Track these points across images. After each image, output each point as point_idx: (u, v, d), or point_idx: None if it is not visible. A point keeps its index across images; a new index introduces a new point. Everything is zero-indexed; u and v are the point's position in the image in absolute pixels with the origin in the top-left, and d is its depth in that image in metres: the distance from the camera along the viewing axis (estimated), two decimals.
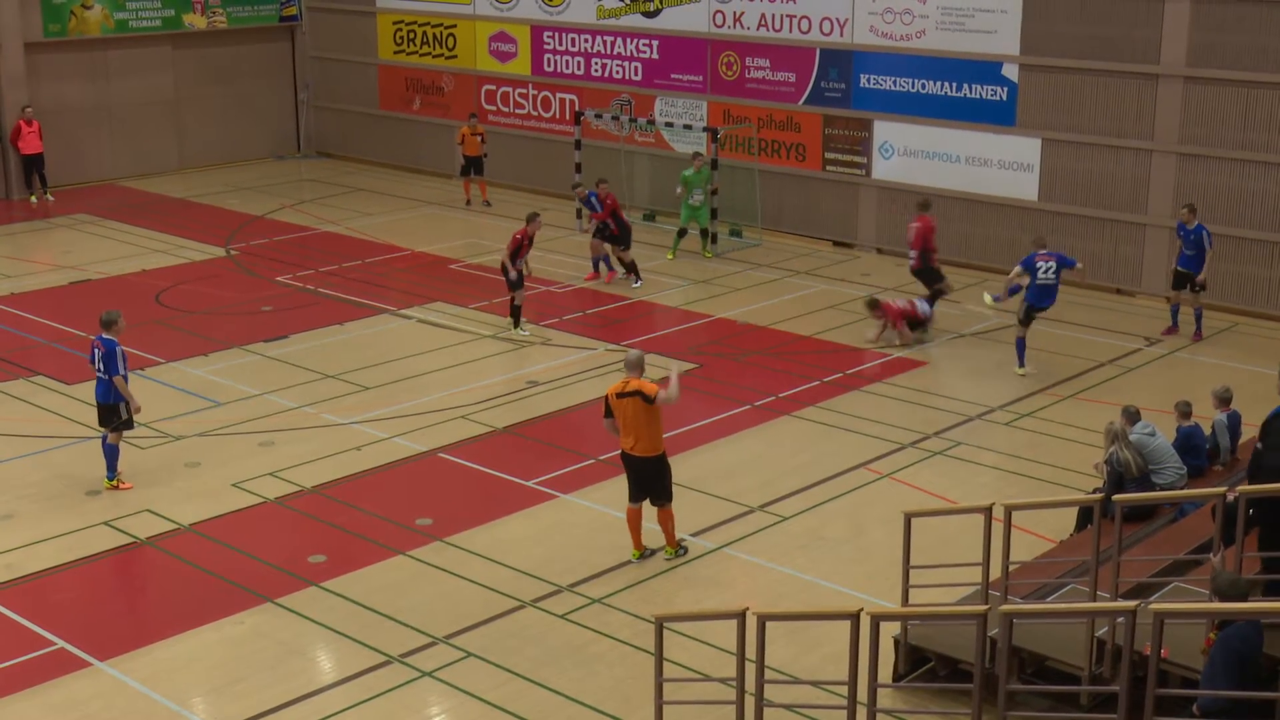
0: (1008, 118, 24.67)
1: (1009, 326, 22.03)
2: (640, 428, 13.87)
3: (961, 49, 24.94)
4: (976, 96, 24.96)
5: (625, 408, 13.85)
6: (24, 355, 20.50)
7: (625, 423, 13.91)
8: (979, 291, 23.95)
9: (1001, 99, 24.68)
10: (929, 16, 25.21)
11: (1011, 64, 24.43)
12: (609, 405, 14.01)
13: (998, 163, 24.91)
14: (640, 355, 14.13)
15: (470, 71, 32.14)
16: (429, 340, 21.24)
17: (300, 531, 15.17)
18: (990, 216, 25.11)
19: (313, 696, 12.00)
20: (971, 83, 24.97)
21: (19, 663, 12.47)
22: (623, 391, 13.86)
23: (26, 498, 15.85)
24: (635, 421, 13.85)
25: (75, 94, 31.53)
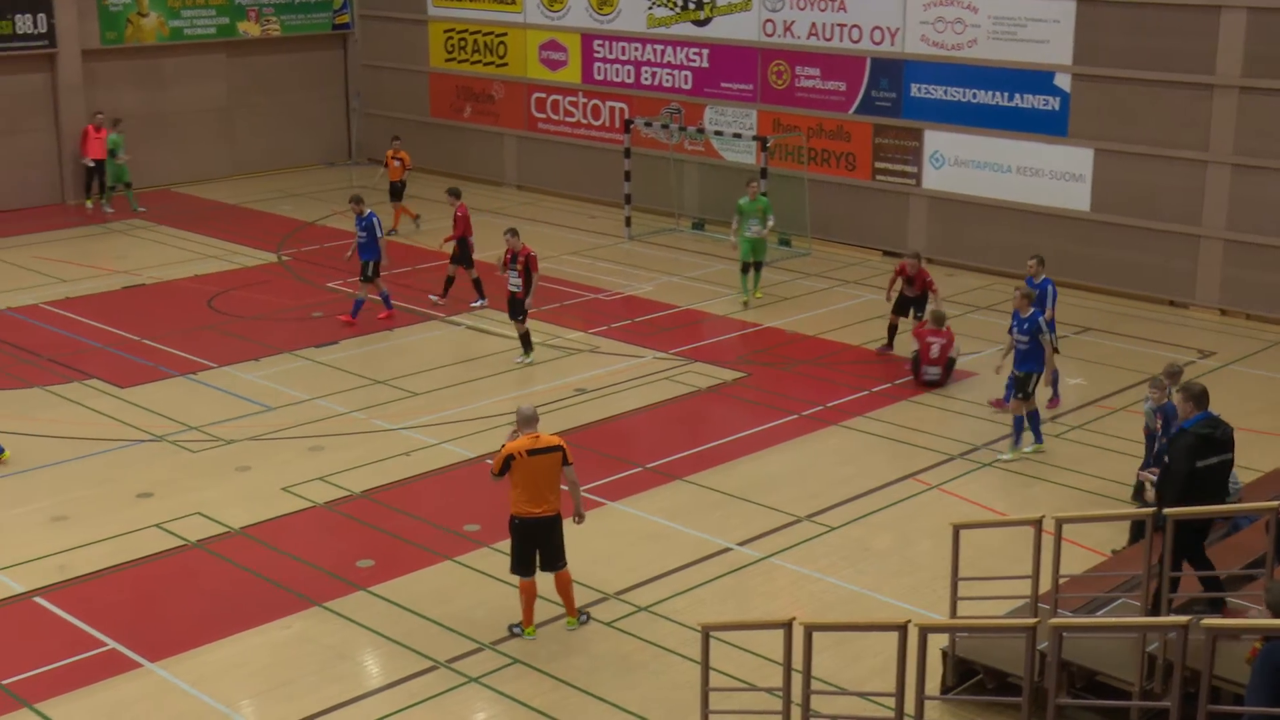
0: (1060, 128, 24.49)
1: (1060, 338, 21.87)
2: (552, 487, 12.74)
3: (1013, 58, 24.79)
4: (1028, 106, 24.80)
5: (540, 465, 12.59)
6: (78, 358, 20.70)
7: (535, 481, 12.62)
8: None
9: (1054, 109, 24.51)
10: (981, 26, 25.08)
11: (1064, 74, 24.26)
12: (511, 465, 12.55)
13: (1049, 173, 24.74)
14: (535, 409, 12.96)
15: (520, 80, 32.23)
16: (478, 347, 21.31)
17: (348, 536, 15.23)
18: (1041, 227, 24.92)
19: (359, 701, 12.04)
20: (1023, 92, 24.81)
21: (70, 663, 12.57)
22: (535, 448, 12.58)
23: (79, 500, 15.99)
24: (549, 480, 12.71)
25: (131, 101, 31.83)
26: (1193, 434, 11.57)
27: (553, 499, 12.82)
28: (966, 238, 25.83)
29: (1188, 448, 11.50)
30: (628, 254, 27.01)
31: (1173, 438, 11.92)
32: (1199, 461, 11.50)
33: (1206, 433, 11.58)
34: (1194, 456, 11.48)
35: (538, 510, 12.76)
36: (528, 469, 12.60)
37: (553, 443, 12.80)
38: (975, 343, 21.53)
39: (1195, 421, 11.67)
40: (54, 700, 11.98)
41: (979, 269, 25.58)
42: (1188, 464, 11.46)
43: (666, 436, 17.96)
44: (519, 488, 12.69)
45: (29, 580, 14.06)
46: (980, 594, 12.59)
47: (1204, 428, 11.61)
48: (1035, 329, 17.01)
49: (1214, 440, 11.60)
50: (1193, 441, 11.52)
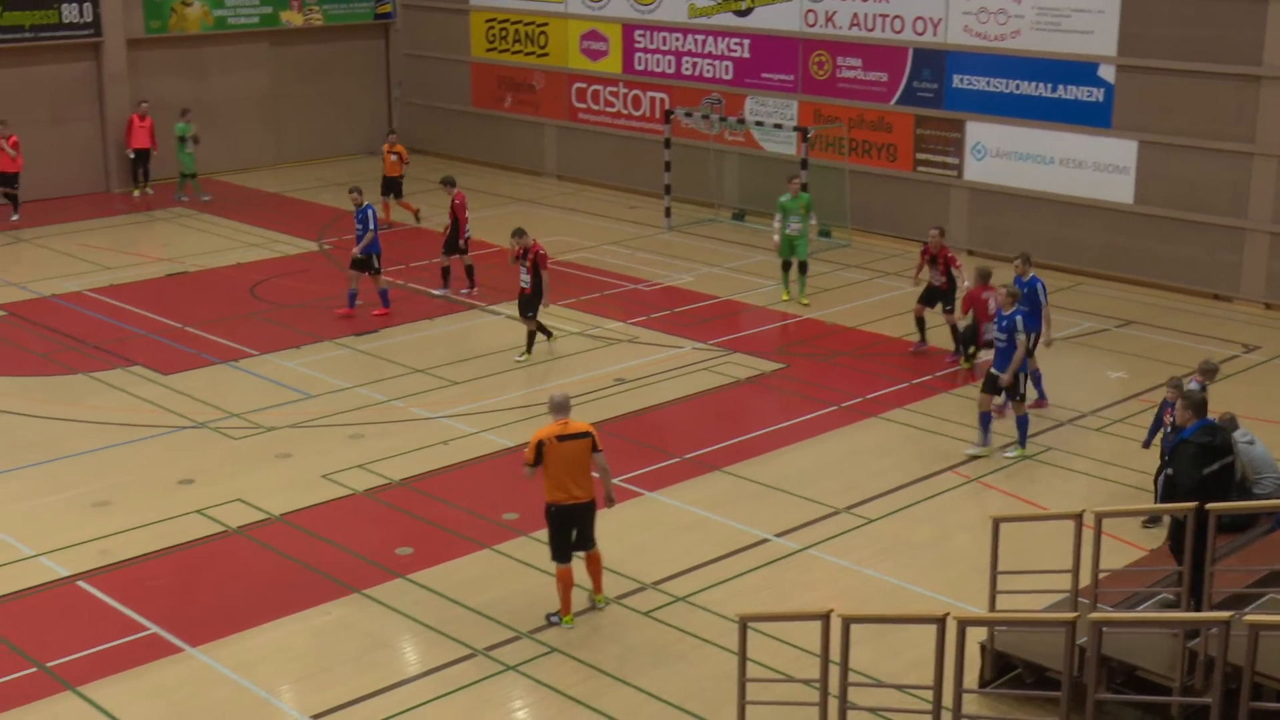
0: (1103, 119, 24.31)
1: (1101, 331, 21.79)
2: (583, 473, 12.82)
3: (1057, 49, 24.62)
4: (1072, 98, 24.62)
5: (569, 451, 12.70)
6: (121, 345, 20.86)
7: (565, 467, 12.70)
8: (1070, 295, 23.71)
9: (1098, 100, 24.33)
10: (1024, 16, 24.92)
11: (1108, 65, 24.07)
12: (542, 451, 12.67)
13: (1093, 165, 24.56)
14: (567, 396, 13.13)
15: (561, 69, 32.25)
16: (517, 337, 21.31)
17: (388, 524, 15.30)
18: (1084, 220, 24.76)
19: (398, 688, 12.09)
20: (1067, 84, 24.64)
21: (113, 647, 12.68)
22: (564, 435, 12.71)
23: (122, 485, 16.12)
24: (579, 466, 12.78)
25: (174, 90, 31.98)
26: (1194, 443, 11.79)
27: (585, 485, 12.88)
28: (1008, 230, 25.67)
29: (1191, 457, 11.71)
30: (667, 244, 26.99)
31: (1174, 449, 12.07)
32: (1204, 469, 11.70)
33: (1206, 440, 11.82)
34: (1199, 465, 11.69)
35: (570, 496, 12.83)
36: (557, 455, 12.69)
37: (582, 429, 12.86)
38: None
39: (1194, 430, 11.90)
40: (96, 683, 12.09)
41: None
42: (1195, 473, 11.66)
43: (705, 427, 17.95)
44: (550, 474, 12.76)
45: (73, 564, 14.19)
46: (1019, 588, 12.52)
47: (1203, 435, 11.85)
48: (1013, 328, 16.58)
49: (1214, 448, 11.84)
50: (1195, 451, 11.75)
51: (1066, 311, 22.70)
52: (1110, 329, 21.95)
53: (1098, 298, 23.58)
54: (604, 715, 11.68)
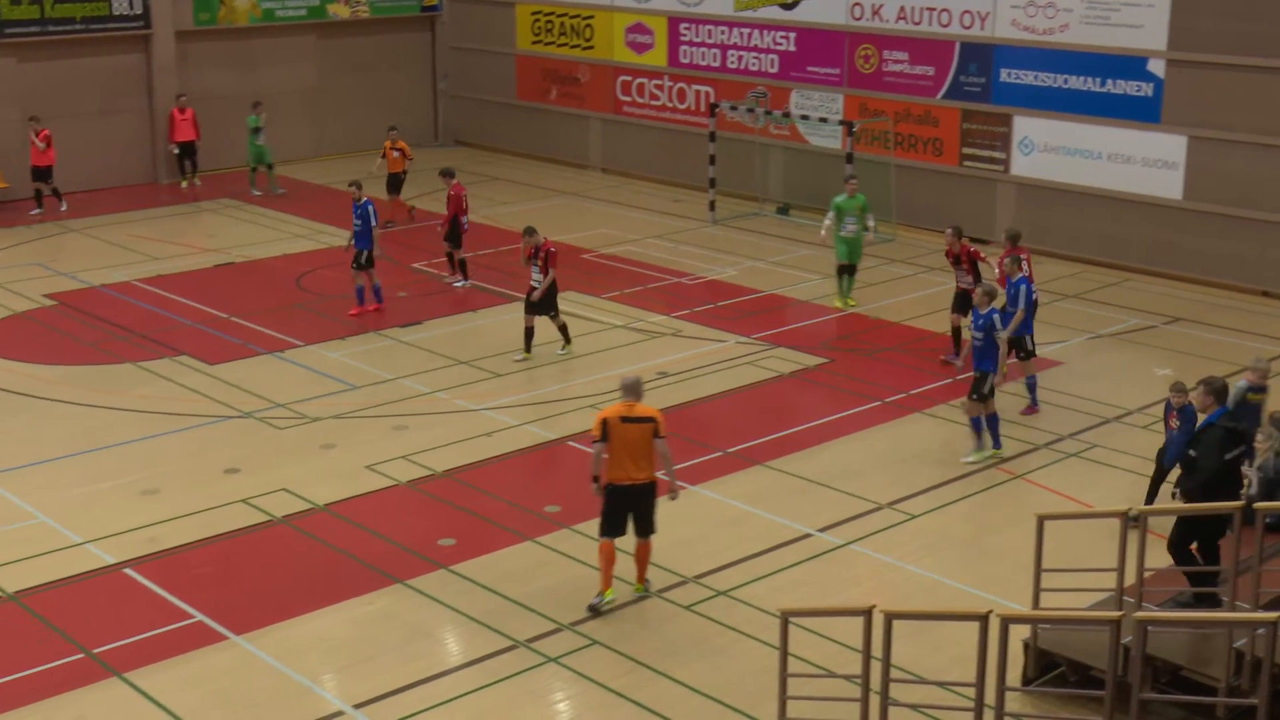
0: (1153, 114, 24.10)
1: (1149, 328, 21.62)
2: (643, 456, 12.94)
3: (1106, 43, 24.42)
4: (1121, 92, 24.42)
5: (631, 433, 12.83)
6: (169, 335, 21.02)
7: (625, 449, 12.84)
8: (1117, 291, 23.55)
9: (1147, 95, 24.12)
10: (1073, 10, 24.73)
11: (1158, 59, 23.86)
12: (606, 429, 12.83)
13: (1141, 160, 24.36)
14: (639, 379, 13.25)
15: (607, 62, 32.25)
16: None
17: (431, 515, 15.36)
18: (1133, 215, 24.57)
19: (440, 678, 12.13)
20: (1116, 78, 24.44)
21: (159, 634, 12.79)
22: (628, 416, 12.86)
23: (169, 474, 16.26)
24: (640, 449, 12.89)
25: (222, 82, 32.23)
26: (1220, 427, 12.04)
27: (645, 468, 12.99)
28: (1055, 225, 25.51)
29: (1218, 441, 11.93)
30: (711, 238, 26.96)
31: (1200, 432, 12.24)
32: (1226, 454, 11.91)
33: (1230, 425, 12.06)
34: (1223, 450, 11.91)
35: (628, 477, 12.94)
36: (620, 435, 12.82)
37: (647, 413, 12.96)
38: (1061, 331, 21.28)
39: (1219, 415, 12.17)
40: (142, 670, 12.19)
41: (1067, 257, 25.27)
42: (1219, 456, 11.87)
43: (748, 421, 17.93)
44: (611, 453, 12.89)
45: (120, 552, 14.32)
46: (1063, 586, 12.45)
47: (1228, 420, 12.11)
48: (989, 326, 16.30)
49: (1237, 433, 12.13)
50: (1221, 435, 11.98)
51: (1113, 308, 22.60)
52: (1157, 325, 21.77)
53: (1145, 294, 23.40)
54: (645, 708, 11.69)
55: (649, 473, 13.04)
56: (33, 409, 18.23)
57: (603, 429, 12.83)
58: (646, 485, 13.08)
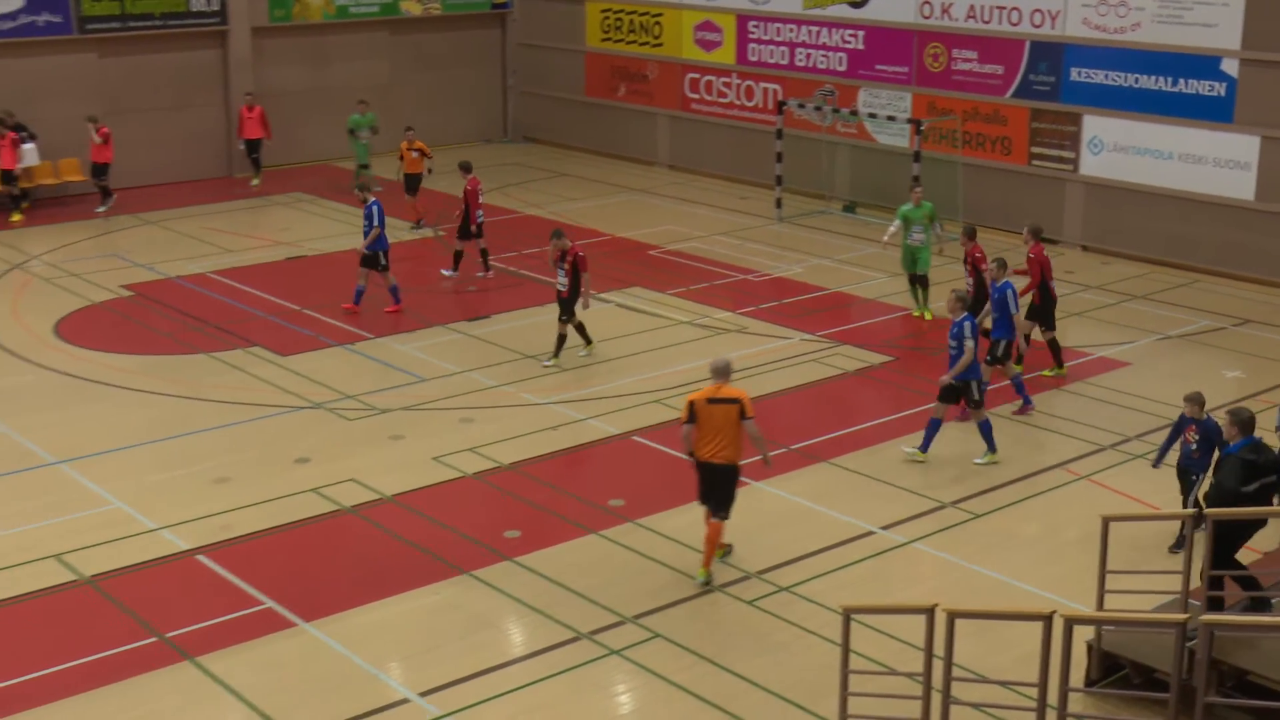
0: (1225, 114, 23.77)
1: (1218, 329, 21.34)
2: (729, 436, 13.25)
3: (1178, 42, 24.11)
4: (1193, 92, 24.11)
5: (716, 414, 13.19)
6: (242, 326, 21.25)
7: (713, 429, 13.22)
8: (1186, 292, 23.26)
9: (1219, 95, 23.79)
10: (1145, 9, 24.45)
11: (1231, 59, 23.53)
12: (693, 410, 13.24)
13: (1213, 160, 24.04)
14: (729, 362, 13.61)
15: (675, 60, 32.25)
16: (626, 324, 21.41)
17: (496, 507, 15.44)
18: (1203, 216, 24.26)
19: (503, 668, 12.20)
20: (1188, 77, 24.13)
21: (229, 619, 12.94)
22: (714, 398, 13.22)
23: (241, 463, 16.43)
24: (725, 429, 13.22)
25: (295, 78, 32.55)
26: (1239, 458, 12.09)
27: (727, 449, 13.28)
28: (1124, 225, 25.25)
29: (1236, 471, 12.02)
30: (778, 235, 26.90)
31: (1221, 461, 12.33)
32: (1245, 486, 11.96)
33: (1251, 458, 12.07)
34: (1241, 481, 11.97)
35: (712, 456, 13.30)
36: (706, 416, 13.21)
37: (733, 395, 13.27)
38: (1129, 332, 21.07)
39: (1241, 446, 12.17)
40: (213, 654, 12.35)
41: (1136, 257, 25.01)
42: (1236, 488, 11.93)
43: (812, 418, 17.88)
44: (699, 432, 13.29)
45: (193, 538, 14.50)
46: (1128, 588, 12.33)
47: (1249, 453, 12.12)
48: (961, 334, 16.15)
49: (1258, 466, 12.10)
50: (1239, 466, 12.04)
51: (1182, 309, 22.34)
52: (1227, 327, 21.49)
53: (1215, 295, 23.10)
54: (706, 702, 11.70)
55: (731, 454, 13.33)
56: (110, 398, 18.50)
57: (690, 411, 13.28)
58: (727, 468, 13.38)
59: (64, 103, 29.05)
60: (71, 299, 22.65)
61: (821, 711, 11.37)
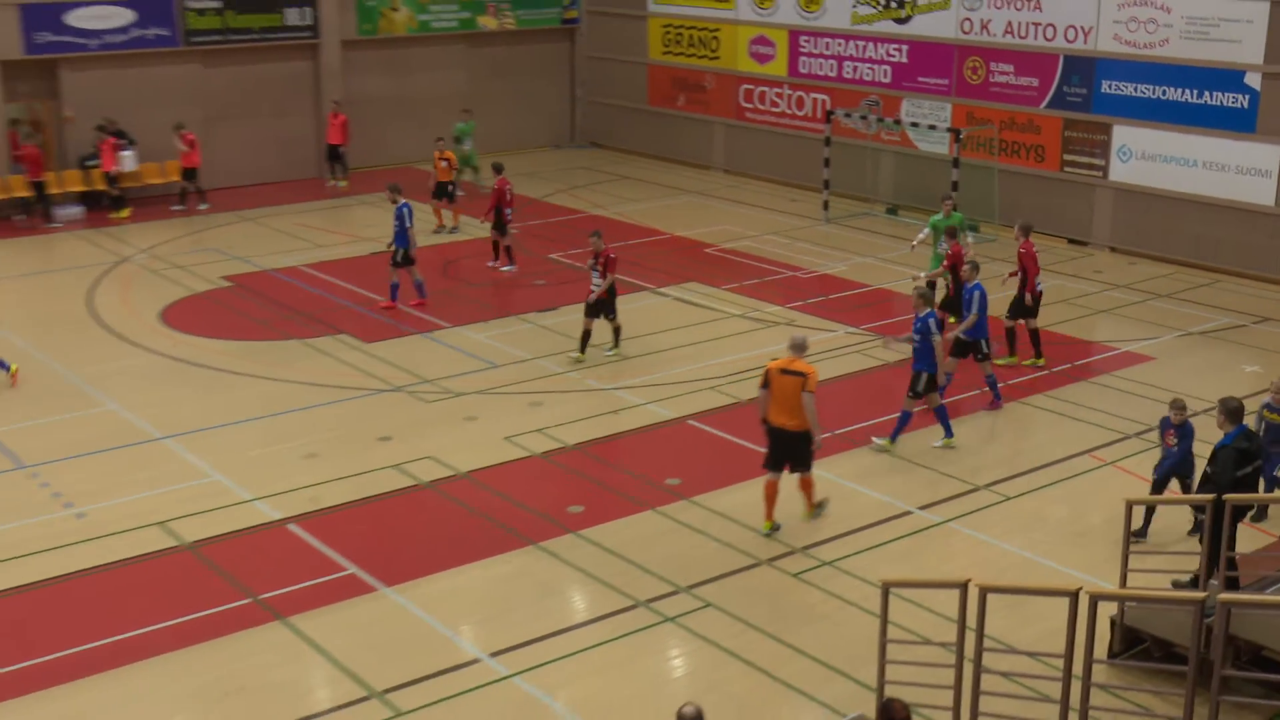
0: (1248, 125, 23.43)
1: (1238, 326, 21.07)
2: (795, 404, 13.59)
3: (1204, 57, 23.78)
4: (1217, 104, 23.78)
5: (786, 384, 13.60)
6: (330, 315, 21.42)
7: (782, 397, 13.64)
8: (1209, 292, 22.96)
9: (1242, 106, 23.45)
10: (1173, 26, 24.12)
11: (1254, 73, 23.18)
12: (768, 377, 13.73)
13: (1235, 168, 23.70)
14: (805, 339, 13.98)
15: (731, 72, 32.16)
16: (683, 317, 21.41)
17: (562, 483, 15.49)
18: (1225, 220, 23.93)
19: (567, 632, 12.26)
20: (1213, 90, 23.79)
21: (317, 583, 13.07)
22: (786, 369, 13.64)
23: (328, 440, 16.58)
24: (792, 398, 13.57)
25: (379, 86, 32.73)
26: (1233, 448, 11.97)
27: (793, 416, 13.62)
28: (1151, 228, 24.95)
29: (1232, 459, 11.89)
30: (825, 235, 26.78)
31: (1216, 451, 12.14)
32: (1238, 472, 11.84)
33: (1244, 446, 11.96)
34: (1235, 468, 11.84)
35: (779, 421, 13.70)
36: (777, 384, 13.63)
37: (800, 368, 13.61)
38: (1153, 328, 20.85)
39: (1234, 435, 12.03)
40: (301, 615, 12.48)
41: (1161, 258, 24.72)
42: (1232, 473, 11.82)
43: (854, 405, 17.79)
44: (771, 398, 13.69)
45: (284, 508, 14.65)
46: (1150, 567, 12.22)
47: (1242, 441, 11.99)
48: (926, 330, 15.98)
49: (1249, 452, 12.00)
50: (1234, 454, 11.92)
51: (1204, 307, 22.07)
52: (1247, 325, 21.21)
53: (1236, 294, 22.80)
54: (754, 666, 11.70)
55: (798, 422, 13.61)
56: (210, 379, 18.71)
57: (765, 378, 13.74)
58: (797, 433, 13.68)
59: (171, 109, 29.35)
60: (176, 289, 22.92)
61: (861, 678, 11.35)
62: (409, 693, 11.30)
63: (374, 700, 11.21)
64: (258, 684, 11.43)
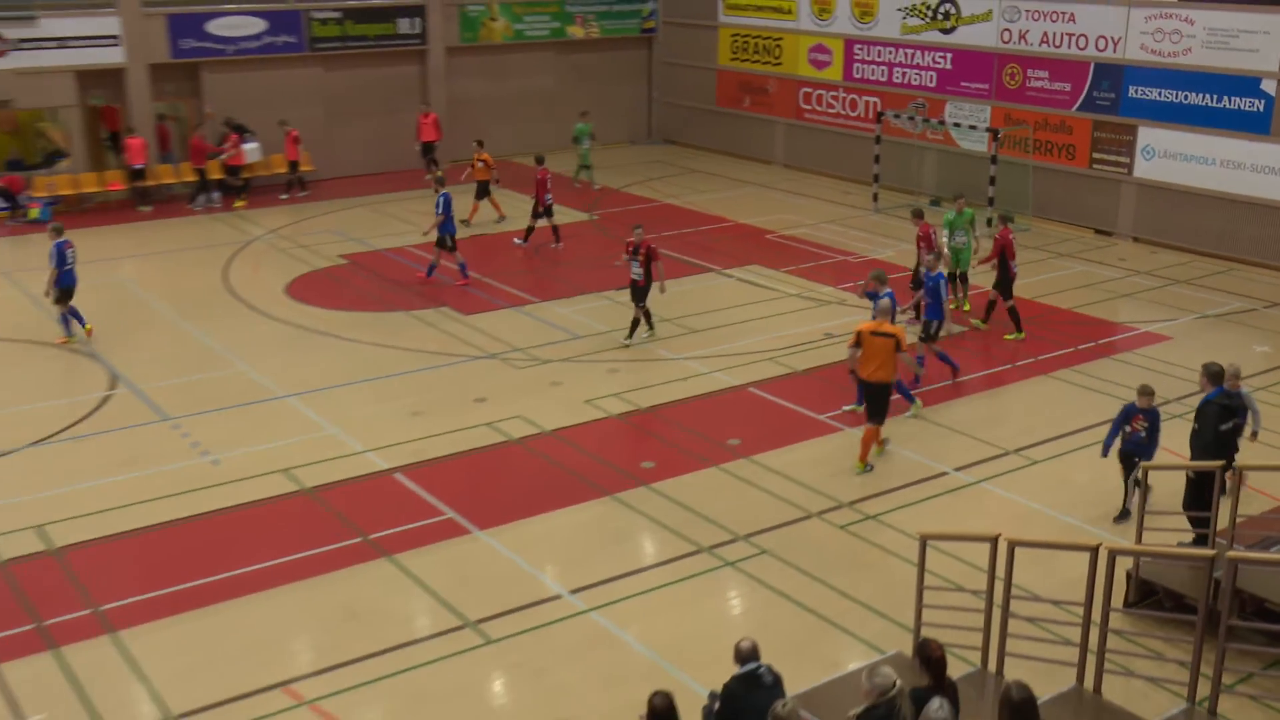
0: (1263, 127, 22.85)
1: (1250, 311, 20.62)
2: (885, 361, 14.19)
3: (1224, 65, 23.21)
4: (1235, 108, 23.21)
5: (876, 344, 14.17)
6: (433, 290, 21.55)
7: (873, 355, 14.21)
8: (1224, 279, 22.49)
9: (1259, 110, 22.87)
10: (1196, 36, 23.55)
11: (1270, 79, 22.58)
12: (861, 337, 14.27)
13: (1251, 166, 23.14)
14: (891, 306, 14.70)
15: (792, 76, 31.88)
16: (746, 295, 21.33)
17: (635, 442, 15.52)
18: (1240, 214, 23.39)
19: (638, 573, 12.31)
20: (1231, 95, 23.22)
21: (420, 526, 13.23)
22: (877, 331, 14.19)
23: (431, 400, 16.71)
24: (882, 356, 14.17)
25: (478, 89, 32.81)
26: (1215, 404, 12.00)
27: (881, 371, 14.24)
28: (1171, 220, 24.44)
29: (1215, 415, 11.93)
30: (874, 223, 26.52)
31: (1200, 408, 12.10)
32: (1220, 426, 11.88)
33: (1225, 403, 11.98)
34: (1217, 422, 11.89)
35: (871, 375, 14.32)
36: (868, 344, 14.26)
37: (890, 330, 14.28)
38: (1171, 311, 20.45)
39: (1215, 394, 12.05)
40: (405, 553, 12.64)
41: (1181, 248, 24.22)
42: (1213, 428, 11.86)
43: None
44: (862, 355, 14.33)
45: (391, 460, 14.82)
46: (1165, 526, 12.04)
47: (1223, 399, 12.00)
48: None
49: (1229, 408, 12.02)
50: (1216, 410, 11.95)
51: (1220, 292, 21.62)
52: (1259, 309, 20.74)
53: (1250, 282, 22.31)
54: (803, 607, 11.69)
55: (884, 375, 14.28)
56: (329, 345, 18.93)
57: (857, 338, 14.33)
58: (881, 385, 14.32)
59: (296, 107, 29.67)
60: (299, 265, 23.19)
61: (900, 619, 11.30)
62: (498, 623, 11.41)
63: (468, 629, 11.34)
64: (368, 612, 11.60)
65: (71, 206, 27.33)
